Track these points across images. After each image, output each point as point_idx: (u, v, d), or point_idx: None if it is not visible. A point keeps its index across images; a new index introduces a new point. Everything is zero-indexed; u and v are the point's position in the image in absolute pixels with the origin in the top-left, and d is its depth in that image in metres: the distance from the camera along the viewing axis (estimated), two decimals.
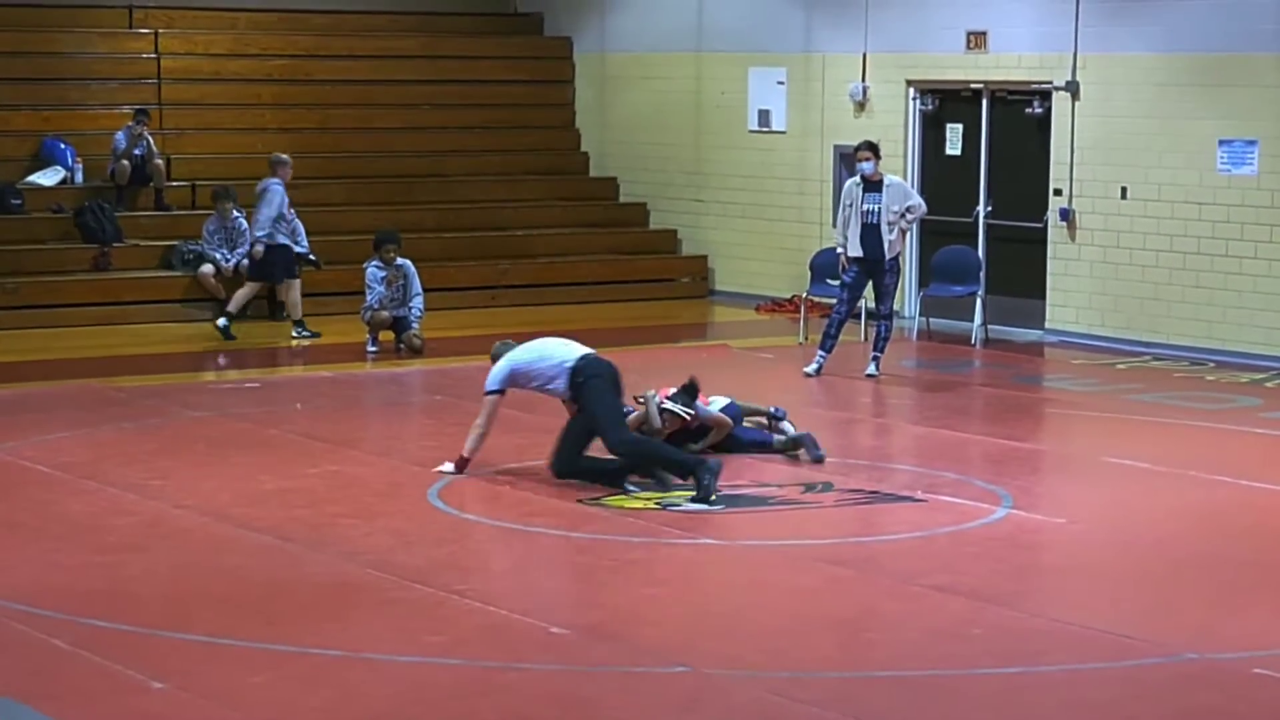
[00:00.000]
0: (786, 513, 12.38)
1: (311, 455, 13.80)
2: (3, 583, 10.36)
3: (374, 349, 18.68)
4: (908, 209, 17.33)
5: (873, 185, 17.30)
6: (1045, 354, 19.39)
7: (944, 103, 21.21)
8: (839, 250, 17.58)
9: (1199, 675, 9.16)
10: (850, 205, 17.32)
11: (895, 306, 21.17)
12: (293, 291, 20.06)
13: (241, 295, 20.10)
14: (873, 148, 17.50)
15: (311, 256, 20.82)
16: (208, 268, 20.63)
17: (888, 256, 17.24)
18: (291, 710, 8.54)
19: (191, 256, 20.88)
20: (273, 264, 20.03)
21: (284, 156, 20.43)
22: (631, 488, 12.63)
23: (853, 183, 17.44)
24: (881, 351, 17.42)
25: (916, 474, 13.54)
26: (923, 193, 21.23)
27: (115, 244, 21.14)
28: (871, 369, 17.35)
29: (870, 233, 17.22)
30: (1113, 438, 14.92)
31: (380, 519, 12.05)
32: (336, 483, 12.94)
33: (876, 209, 17.20)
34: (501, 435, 14.55)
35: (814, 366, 17.40)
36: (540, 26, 25.71)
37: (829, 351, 17.39)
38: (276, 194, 19.95)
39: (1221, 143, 18.60)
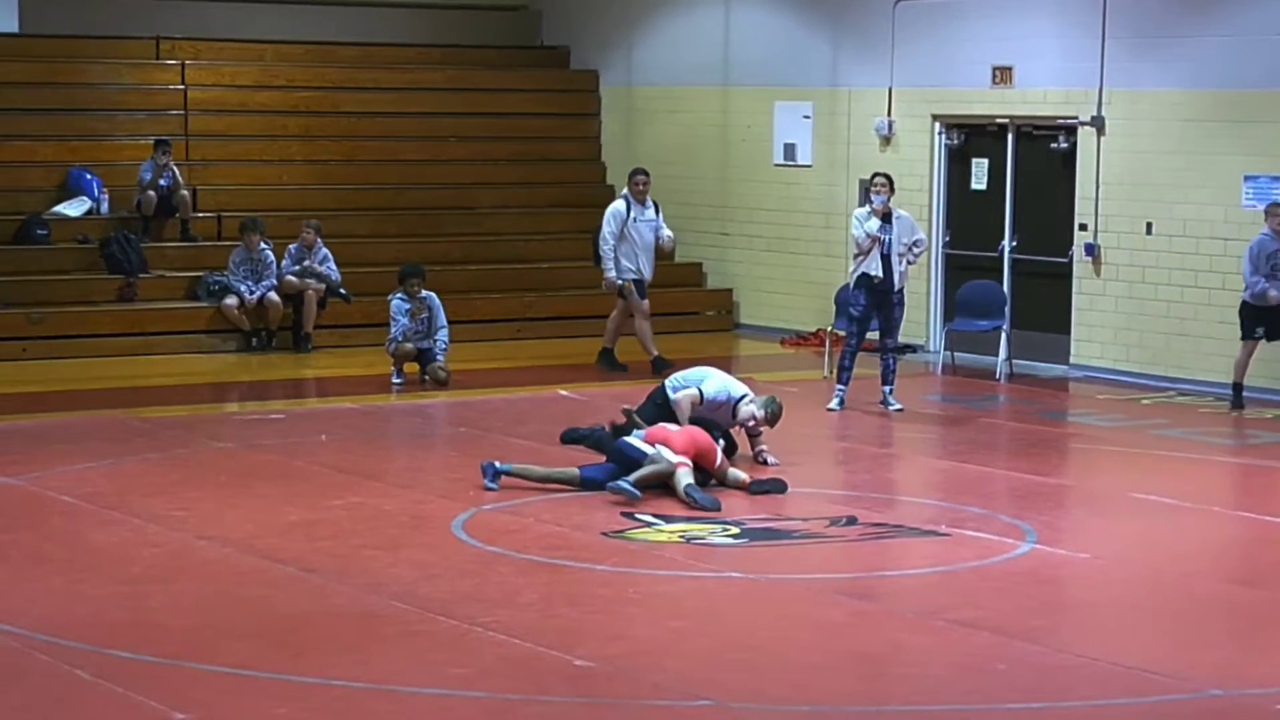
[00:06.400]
0: (810, 547, 12.37)
1: (336, 487, 13.80)
2: (27, 613, 10.37)
3: (399, 381, 18.68)
4: (915, 243, 17.37)
5: (884, 217, 17.28)
6: (1070, 389, 19.34)
7: (969, 137, 21.21)
8: (865, 271, 17.36)
9: (1224, 712, 9.13)
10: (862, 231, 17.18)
11: (921, 340, 21.30)
12: None
13: None
14: (890, 180, 17.47)
15: (341, 290, 20.84)
16: (231, 300, 20.66)
17: (896, 287, 17.28)
18: None
19: (217, 288, 20.88)
20: None
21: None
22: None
23: (864, 211, 17.35)
24: (892, 384, 17.39)
25: (940, 508, 13.51)
26: (948, 227, 21.36)
27: (141, 275, 21.17)
28: (896, 405, 17.33)
29: (884, 262, 17.23)
30: (1138, 473, 14.88)
31: (404, 551, 12.05)
32: (361, 514, 12.95)
33: (889, 240, 17.22)
34: None
35: (835, 402, 17.40)
36: (567, 59, 25.77)
37: (845, 384, 17.41)
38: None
39: (1247, 178, 18.57)
